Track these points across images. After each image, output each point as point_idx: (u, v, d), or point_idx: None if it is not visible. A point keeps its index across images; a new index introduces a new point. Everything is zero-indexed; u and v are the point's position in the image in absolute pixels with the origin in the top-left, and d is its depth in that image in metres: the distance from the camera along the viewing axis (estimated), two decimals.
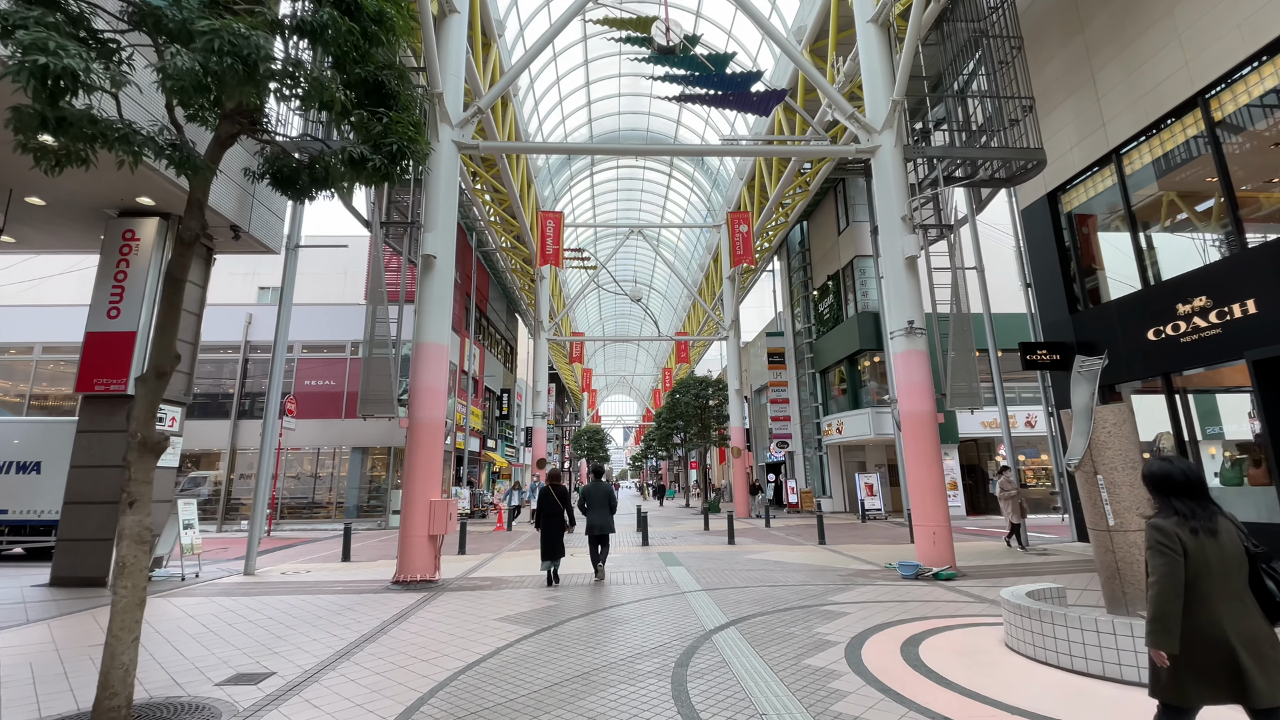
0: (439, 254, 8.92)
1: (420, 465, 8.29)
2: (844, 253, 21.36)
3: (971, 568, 8.85)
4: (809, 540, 13.13)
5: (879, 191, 10.01)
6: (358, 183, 4.86)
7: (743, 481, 20.97)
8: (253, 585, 8.36)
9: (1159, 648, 2.13)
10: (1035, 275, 12.72)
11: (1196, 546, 2.13)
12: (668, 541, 13.23)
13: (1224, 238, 8.80)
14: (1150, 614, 2.14)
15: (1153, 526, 2.21)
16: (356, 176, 4.73)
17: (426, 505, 8.12)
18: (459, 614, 6.31)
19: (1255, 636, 2.08)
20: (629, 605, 6.57)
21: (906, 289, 9.37)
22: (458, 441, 22.75)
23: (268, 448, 9.69)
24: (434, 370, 8.63)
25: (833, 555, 10.63)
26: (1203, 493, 2.26)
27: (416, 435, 8.38)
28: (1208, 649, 2.08)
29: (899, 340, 9.30)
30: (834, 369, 22.35)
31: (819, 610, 6.20)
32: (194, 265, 9.95)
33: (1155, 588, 2.14)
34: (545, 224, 16.61)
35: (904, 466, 18.65)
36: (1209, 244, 9.26)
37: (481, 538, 14.76)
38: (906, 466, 9.12)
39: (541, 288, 22.36)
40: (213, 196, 9.31)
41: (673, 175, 27.99)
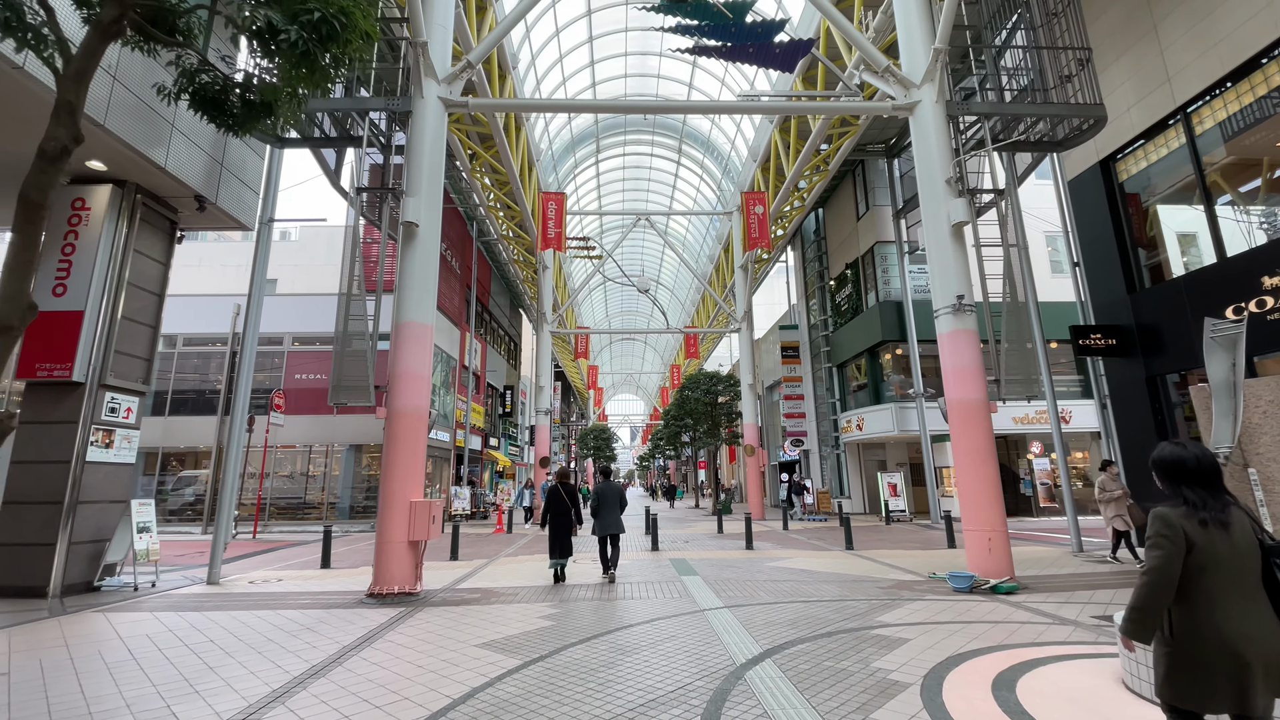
0: (422, 222, 7.89)
1: (399, 461, 7.26)
2: (863, 239, 20.19)
3: (1031, 579, 7.71)
4: (834, 544, 12.01)
5: (919, 153, 8.89)
6: (302, 88, 3.80)
7: (757, 481, 19.84)
8: (210, 598, 7.35)
9: (1130, 636, 2.08)
10: (1085, 253, 11.55)
11: (1205, 540, 1.99)
12: (679, 546, 12.14)
13: None
14: (1131, 603, 2.07)
15: (1155, 515, 2.08)
16: (291, 82, 3.67)
17: (406, 507, 7.08)
18: (435, 637, 5.26)
19: (1265, 642, 1.94)
20: (639, 627, 5.49)
21: (953, 260, 8.24)
22: (457, 439, 21.77)
23: (234, 445, 8.70)
24: (416, 353, 7.59)
25: (865, 563, 9.51)
26: (1217, 481, 2.09)
27: (395, 427, 7.35)
28: (1212, 652, 1.95)
29: (945, 319, 8.17)
30: (852, 363, 21.19)
31: (870, 635, 5.10)
32: (153, 239, 8.99)
33: (1145, 578, 2.04)
34: (547, 205, 15.57)
35: (930, 463, 17.54)
36: None
37: (478, 541, 13.73)
38: (956, 463, 7.99)
39: (544, 278, 21.33)
40: (173, 160, 8.34)
41: (681, 163, 26.91)
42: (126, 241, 8.44)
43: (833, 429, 22.22)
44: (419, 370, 7.59)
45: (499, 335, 30.28)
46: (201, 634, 5.56)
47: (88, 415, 7.84)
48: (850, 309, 20.91)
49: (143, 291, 8.71)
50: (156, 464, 17.26)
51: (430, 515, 7.06)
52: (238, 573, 9.47)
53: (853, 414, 19.99)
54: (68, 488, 7.61)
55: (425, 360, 7.69)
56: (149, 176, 8.46)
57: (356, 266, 7.82)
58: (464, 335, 22.66)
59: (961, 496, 7.90)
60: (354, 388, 7.45)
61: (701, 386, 24.87)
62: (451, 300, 21.66)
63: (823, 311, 23.14)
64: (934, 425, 17.55)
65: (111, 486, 8.15)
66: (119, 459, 8.25)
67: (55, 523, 7.52)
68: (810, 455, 23.55)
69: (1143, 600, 2.04)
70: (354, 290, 7.76)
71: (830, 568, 8.99)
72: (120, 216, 8.41)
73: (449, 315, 21.27)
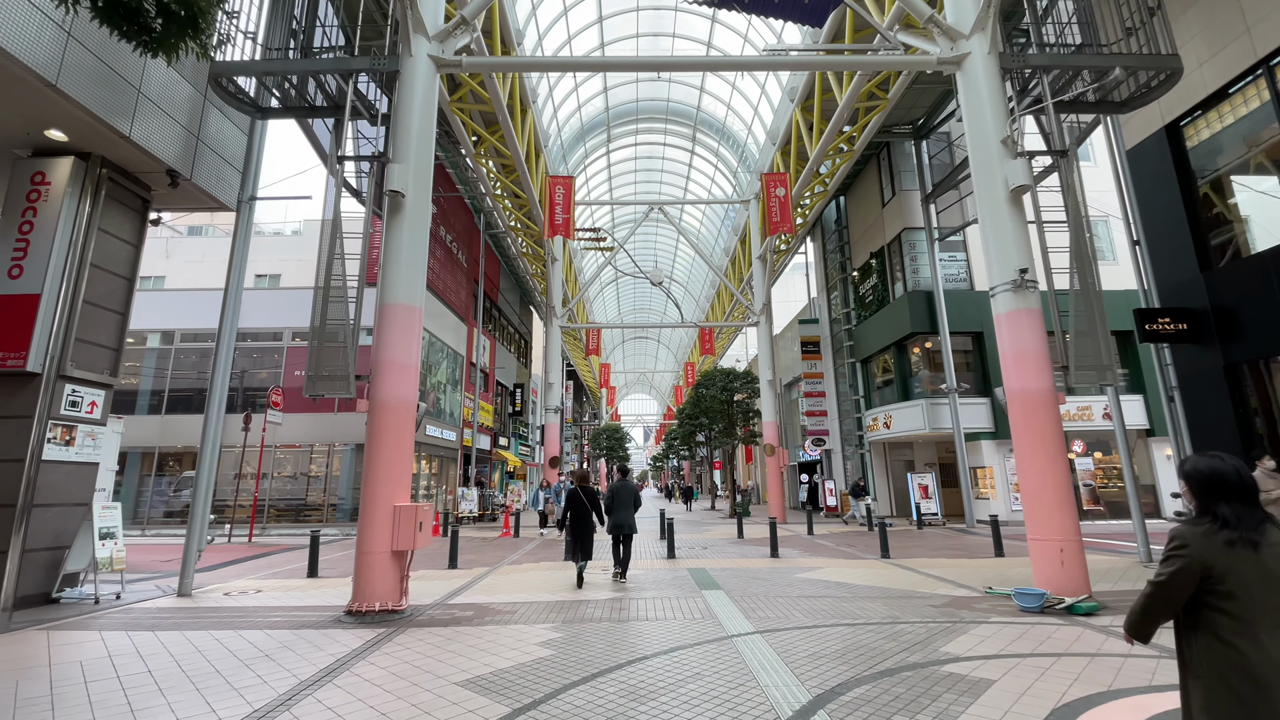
0: (410, 192, 7.03)
1: (383, 459, 6.40)
2: (889, 227, 19.10)
3: (1106, 595, 6.67)
4: (867, 552, 11.00)
5: (969, 114, 7.87)
6: None
7: (778, 482, 18.83)
8: (173, 614, 6.55)
9: (1131, 634, 2.07)
10: (1148, 230, 10.43)
11: (1229, 561, 1.84)
12: (698, 553, 11.20)
13: None
14: (1135, 606, 2.03)
15: (1173, 535, 1.97)
16: None
17: (389, 512, 6.23)
18: (410, 671, 4.38)
19: None
20: (655, 660, 4.57)
21: (1011, 230, 7.22)
22: (465, 438, 21.01)
23: (209, 444, 7.93)
24: (402, 339, 6.74)
25: (907, 574, 8.51)
26: (1253, 498, 1.93)
27: (378, 421, 6.50)
28: (1247, 686, 1.78)
29: (1004, 297, 7.15)
30: (878, 358, 20.09)
31: (942, 674, 4.14)
32: (122, 218, 8.24)
33: (1150, 589, 1.98)
34: (554, 190, 14.70)
35: (964, 464, 16.42)
36: None
37: (482, 546, 12.89)
38: (1019, 462, 6.97)
39: (554, 271, 20.48)
40: (140, 130, 7.58)
41: (695, 152, 25.96)
42: (90, 219, 7.68)
43: (856, 427, 21.14)
44: (405, 358, 6.73)
45: (508, 333, 29.54)
46: (143, 662, 4.74)
47: (45, 409, 7.08)
48: (875, 301, 19.82)
49: (109, 274, 7.96)
50: (153, 464, 16.66)
51: (416, 522, 6.20)
52: (217, 582, 8.70)
53: (879, 411, 18.91)
54: (21, 489, 6.84)
55: (413, 347, 6.83)
56: (115, 148, 7.70)
57: (337, 243, 6.98)
58: (471, 331, 21.91)
59: (1026, 500, 6.88)
60: (333, 378, 6.61)
61: (718, 383, 23.89)
62: (458, 295, 20.92)
63: (845, 304, 22.06)
64: (968, 422, 16.45)
65: (72, 488, 7.39)
66: (81, 458, 7.50)
67: (7, 528, 6.76)
68: (832, 455, 22.48)
69: (1144, 607, 2.02)
70: (334, 271, 6.91)
71: (869, 580, 8.00)
72: (83, 192, 7.66)
73: (455, 310, 20.52)
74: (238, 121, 9.22)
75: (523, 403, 30.11)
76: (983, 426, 16.77)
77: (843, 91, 13.29)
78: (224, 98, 8.22)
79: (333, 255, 6.99)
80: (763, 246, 19.87)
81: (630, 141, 25.78)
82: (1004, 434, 16.55)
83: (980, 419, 16.79)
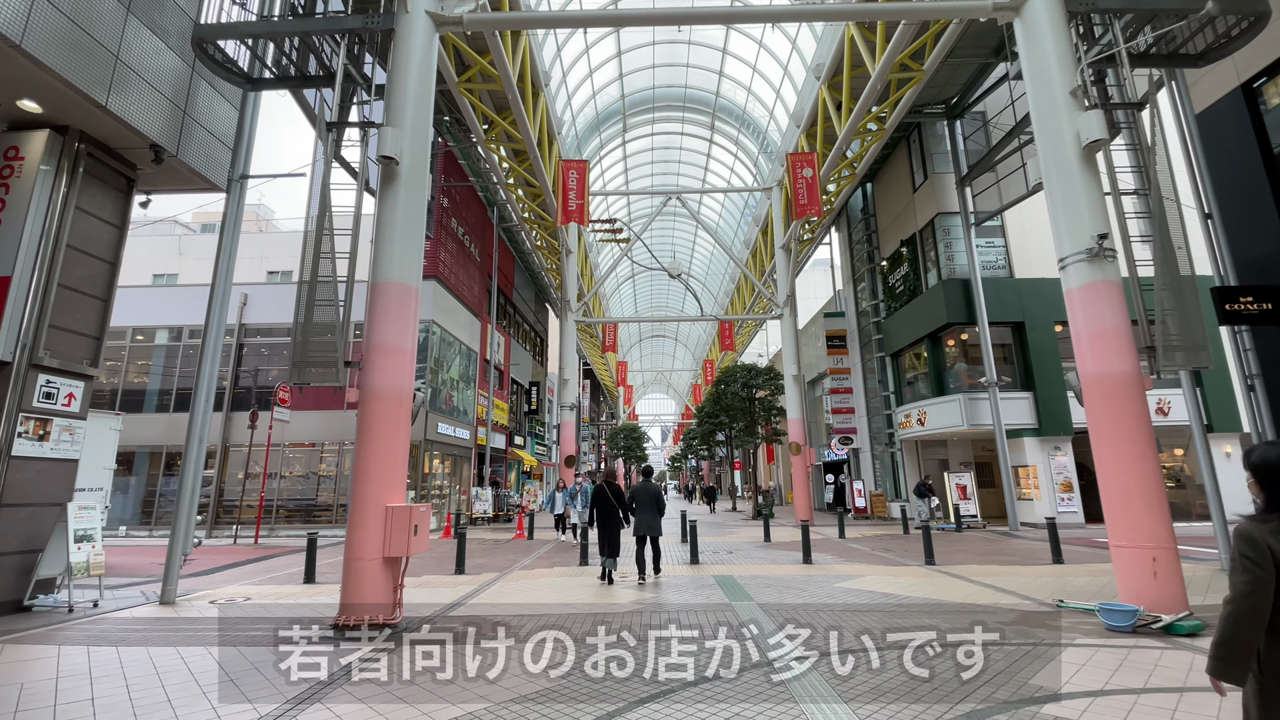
0: (405, 159, 6.36)
1: (374, 455, 5.73)
2: (921, 212, 18.10)
3: (1200, 610, 5.75)
4: (907, 557, 10.11)
5: (1030, 65, 6.99)
6: None
7: (804, 483, 17.92)
8: (149, 625, 5.95)
9: (1219, 677, 1.77)
10: (1221, 201, 9.39)
11: None
12: (723, 558, 10.40)
13: None
14: (1216, 638, 1.77)
15: (1239, 535, 1.80)
16: None
17: (381, 514, 5.54)
18: (388, 711, 3.67)
19: None
20: (685, 694, 3.81)
21: (1084, 192, 6.32)
22: (479, 437, 20.42)
23: (195, 442, 7.34)
24: (397, 321, 6.07)
25: (959, 584, 7.63)
26: None
27: (370, 412, 5.83)
28: None
29: (1077, 269, 6.26)
30: (910, 351, 19.08)
31: (1044, 718, 3.31)
32: (104, 197, 7.69)
33: (1229, 608, 1.76)
34: (568, 175, 14.00)
35: (1005, 462, 15.37)
36: None
37: (494, 550, 12.22)
38: (1098, 457, 6.06)
39: (569, 263, 19.80)
40: (119, 101, 7.03)
41: (714, 141, 25.12)
42: (67, 198, 7.14)
43: (886, 425, 20.13)
44: (400, 342, 6.06)
45: (524, 331, 28.97)
46: (90, 687, 4.11)
47: (15, 401, 6.54)
48: (906, 291, 18.81)
49: (88, 257, 7.41)
50: (160, 463, 16.31)
51: (410, 525, 5.50)
52: (210, 587, 8.14)
53: (912, 408, 17.90)
54: None
55: (408, 330, 6.15)
56: (94, 121, 7.16)
57: (326, 218, 6.33)
58: (485, 327, 21.34)
59: (1108, 501, 5.97)
60: (320, 364, 5.95)
61: (739, 380, 23.03)
62: (471, 289, 20.35)
63: (873, 296, 21.05)
64: (1009, 418, 15.40)
65: (47, 486, 6.84)
66: (57, 454, 6.95)
67: None
68: (860, 454, 21.49)
69: (1228, 634, 1.75)
70: (323, 247, 6.26)
71: (918, 591, 7.14)
72: (60, 168, 7.12)
73: (469, 305, 19.95)
74: (229, 97, 8.65)
75: (539, 401, 29.52)
76: (1025, 423, 15.72)
77: (875, 62, 12.41)
78: (212, 68, 7.66)
79: (320, 232, 6.34)
80: (787, 235, 18.99)
81: (646, 131, 25.03)
82: (1049, 430, 15.49)
83: (1022, 415, 15.74)
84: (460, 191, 19.68)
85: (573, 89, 19.70)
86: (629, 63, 20.51)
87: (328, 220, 6.38)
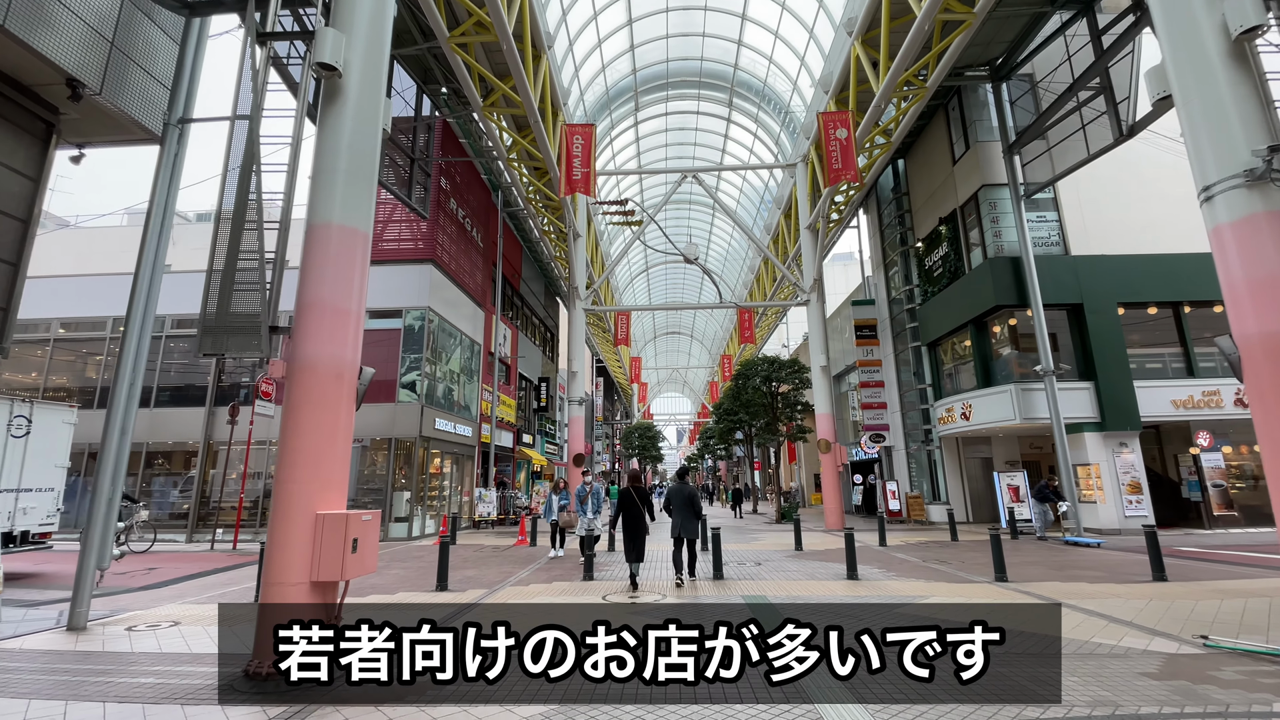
0: (355, 72, 5.01)
1: (303, 446, 4.38)
2: (963, 186, 16.46)
3: None
4: (968, 569, 8.58)
5: None
6: None
7: (834, 483, 16.38)
8: (30, 660, 4.67)
9: None
10: None
11: None
12: (751, 571, 8.95)
13: None
14: None
15: None
16: None
17: (310, 524, 4.19)
18: None
19: None
20: None
21: (1231, 97, 4.80)
22: (483, 434, 19.13)
23: (113, 438, 6.08)
24: (337, 273, 4.72)
25: (1050, 609, 6.10)
26: None
27: (299, 390, 4.49)
28: None
29: (1230, 199, 4.72)
30: (950, 339, 17.43)
31: None
32: (14, 142, 6.47)
33: None
34: (571, 140, 12.59)
35: (1065, 459, 13.68)
36: None
37: (488, 559, 10.88)
38: (1267, 442, 4.52)
39: (577, 248, 18.41)
40: (19, 24, 5.75)
41: (732, 120, 23.62)
42: None
43: (922, 420, 18.49)
44: (341, 301, 4.71)
45: (533, 325, 27.69)
46: None
47: None
48: (945, 274, 17.17)
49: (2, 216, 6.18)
50: (140, 462, 15.22)
51: (347, 538, 4.14)
52: (148, 605, 6.88)
53: (954, 401, 16.26)
54: None
55: (353, 286, 4.81)
56: None
57: (256, 146, 4.99)
58: (489, 318, 20.06)
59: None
60: (238, 330, 4.63)
61: (760, 373, 21.50)
62: (474, 277, 19.08)
63: (906, 281, 19.41)
64: (1068, 411, 13.74)
65: None
66: None
67: None
68: (893, 453, 19.85)
69: None
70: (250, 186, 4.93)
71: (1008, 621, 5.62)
72: None
73: (471, 294, 18.68)
74: (166, 25, 7.39)
75: (549, 398, 28.21)
76: (1085, 416, 14.03)
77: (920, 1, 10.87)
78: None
79: (252, 163, 5.01)
80: (814, 213, 17.44)
81: (660, 111, 23.60)
82: (1113, 425, 13.79)
83: (1082, 407, 14.05)
84: (462, 175, 18.43)
85: (580, 60, 18.35)
86: (641, 32, 19.10)
87: (258, 157, 5.06)
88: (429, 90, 15.16)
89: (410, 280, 15.72)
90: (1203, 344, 14.65)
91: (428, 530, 15.26)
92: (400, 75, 13.55)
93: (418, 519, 14.82)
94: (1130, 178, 15.58)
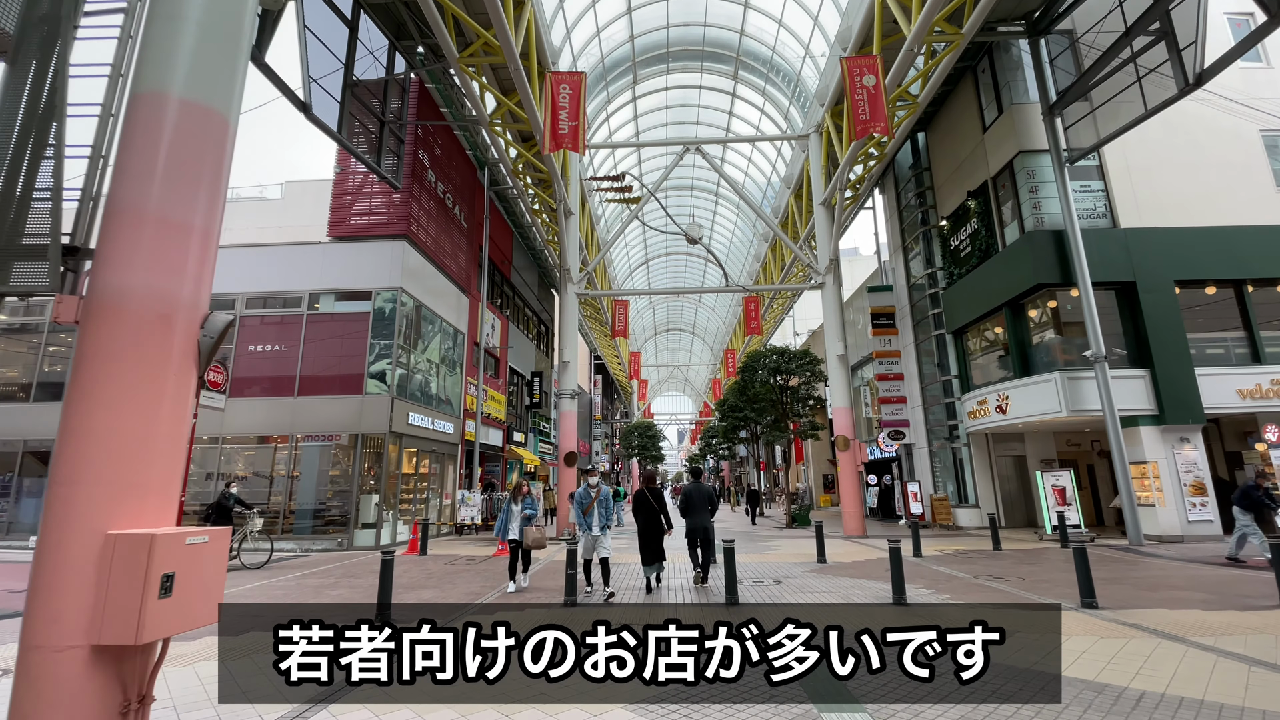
0: None
1: (95, 424, 2.79)
2: (995, 155, 14.88)
3: None
4: (1035, 589, 6.98)
5: None
6: None
7: (853, 484, 14.80)
8: None
9: None
10: None
11: None
12: (769, 592, 7.36)
13: None
14: None
15: None
16: None
17: (94, 549, 2.58)
18: None
19: None
20: None
21: None
22: (467, 432, 17.56)
23: None
24: (172, 169, 3.14)
25: (1174, 650, 4.51)
26: None
27: (96, 335, 2.90)
28: None
29: None
30: (979, 325, 15.84)
31: None
32: None
33: None
34: (558, 89, 10.97)
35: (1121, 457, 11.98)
36: None
37: (458, 574, 9.29)
38: None
39: (568, 226, 16.83)
40: None
41: (737, 95, 22.05)
42: None
43: (947, 416, 16.90)
44: (178, 211, 3.12)
45: (526, 316, 26.13)
46: None
47: None
48: (975, 253, 15.57)
49: None
50: (17, 463, 13.66)
51: (150, 573, 2.54)
52: None
53: (986, 393, 14.64)
54: None
55: (199, 190, 3.21)
56: None
57: None
58: (475, 304, 18.49)
59: None
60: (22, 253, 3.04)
61: (768, 365, 19.93)
62: (457, 260, 17.51)
63: (927, 265, 17.82)
64: (1121, 402, 12.14)
65: None
66: None
67: None
68: (914, 451, 18.25)
69: None
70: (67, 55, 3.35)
71: (1145, 682, 4.03)
72: None
73: (454, 278, 17.12)
74: None
75: (543, 394, 26.62)
76: (1140, 408, 12.43)
77: None
78: None
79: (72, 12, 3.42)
80: (829, 187, 15.85)
81: (660, 85, 22.03)
82: (1173, 418, 12.18)
83: (1136, 398, 12.46)
84: (444, 147, 16.86)
85: (572, 24, 16.78)
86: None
87: None
88: (403, 47, 13.62)
89: (381, 258, 14.15)
90: (1269, 327, 13.07)
91: (400, 538, 13.67)
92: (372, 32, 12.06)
93: (387, 525, 13.23)
94: (1184, 142, 13.99)
